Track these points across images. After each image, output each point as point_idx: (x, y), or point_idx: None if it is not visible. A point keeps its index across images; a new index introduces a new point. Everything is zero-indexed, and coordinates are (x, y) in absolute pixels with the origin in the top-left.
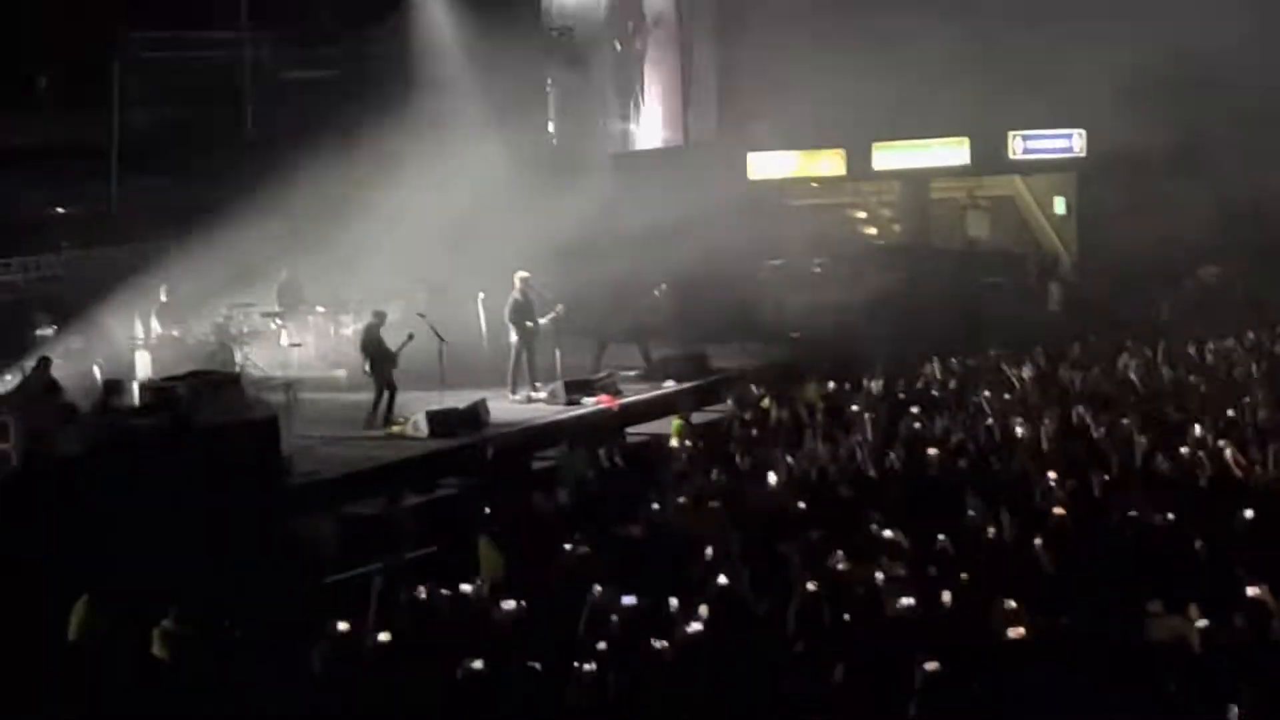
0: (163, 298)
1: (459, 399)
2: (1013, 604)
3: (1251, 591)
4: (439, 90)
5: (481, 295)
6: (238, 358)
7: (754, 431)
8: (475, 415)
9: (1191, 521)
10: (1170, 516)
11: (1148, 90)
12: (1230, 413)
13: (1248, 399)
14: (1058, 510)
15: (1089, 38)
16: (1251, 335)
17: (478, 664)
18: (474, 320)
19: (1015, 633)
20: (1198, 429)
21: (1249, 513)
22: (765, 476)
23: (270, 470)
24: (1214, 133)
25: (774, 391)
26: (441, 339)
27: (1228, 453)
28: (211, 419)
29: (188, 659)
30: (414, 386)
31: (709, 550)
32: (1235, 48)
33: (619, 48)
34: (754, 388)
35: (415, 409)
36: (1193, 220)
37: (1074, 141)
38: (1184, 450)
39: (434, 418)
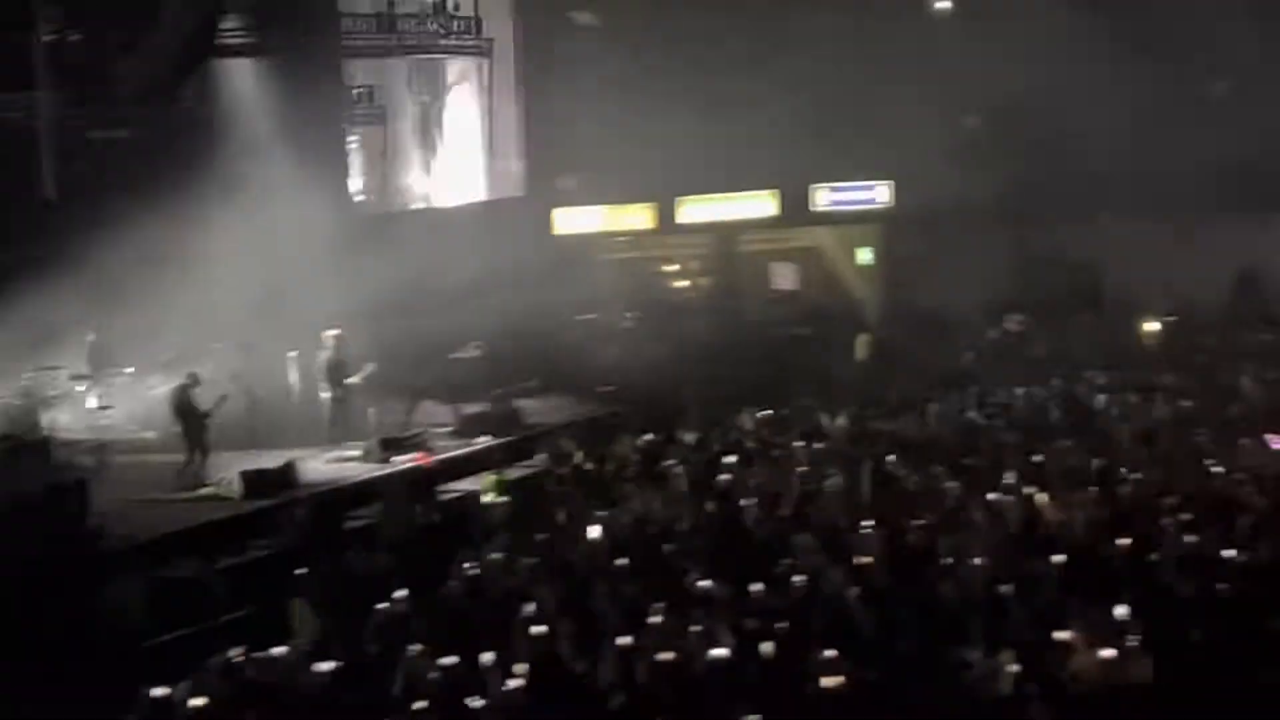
0: None
1: (271, 459)
2: (831, 653)
3: (1060, 635)
4: (244, 150)
5: (293, 354)
6: (44, 422)
7: (568, 486)
8: (287, 475)
9: (1003, 567)
10: (980, 562)
11: (952, 143)
12: (1037, 459)
13: (1055, 445)
14: (867, 559)
15: (896, 92)
16: (1056, 382)
17: None
18: (285, 379)
19: (832, 682)
20: (1008, 476)
21: (1058, 558)
22: (580, 531)
23: (79, 535)
24: (1017, 185)
25: (587, 446)
26: (254, 398)
27: (1037, 498)
28: (16, 484)
29: None
30: (226, 447)
31: (526, 607)
32: (1038, 102)
33: (422, 105)
34: (567, 442)
35: (228, 469)
36: (996, 270)
37: (878, 193)
38: (994, 497)
39: (247, 478)
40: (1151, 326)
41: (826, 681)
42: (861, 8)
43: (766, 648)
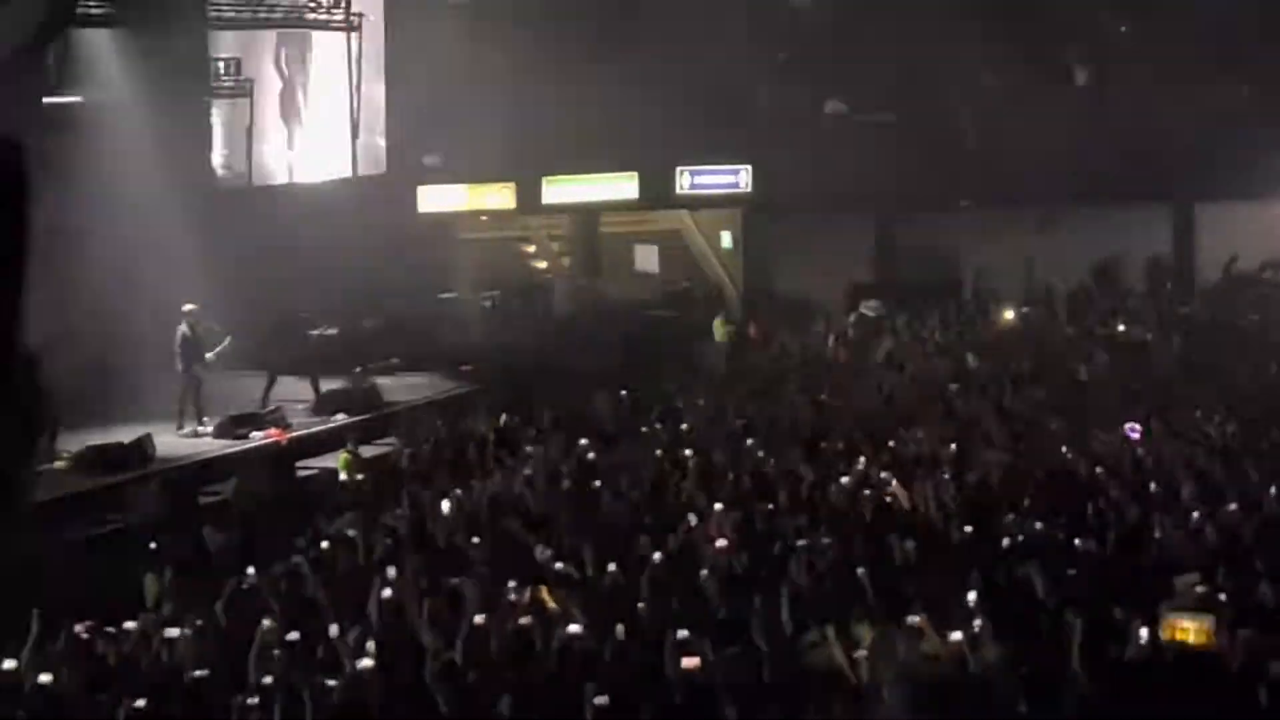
0: None
1: (125, 434)
2: (684, 634)
3: (911, 620)
4: (101, 123)
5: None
6: None
7: (423, 465)
8: (141, 449)
9: (855, 551)
10: (829, 543)
11: (814, 127)
12: (892, 444)
13: (911, 430)
14: (721, 541)
15: (761, 75)
16: (910, 367)
17: (141, 702)
18: (138, 354)
19: (689, 663)
20: (861, 461)
21: (909, 543)
22: (435, 510)
23: None
24: (876, 171)
25: (444, 424)
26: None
27: (891, 484)
28: None
29: None
30: (79, 424)
31: (378, 584)
32: (903, 88)
33: (285, 78)
34: (424, 421)
35: (81, 443)
36: (854, 256)
37: (740, 177)
38: (847, 481)
39: (99, 451)
40: (1009, 315)
41: (685, 662)
42: None
43: (619, 630)
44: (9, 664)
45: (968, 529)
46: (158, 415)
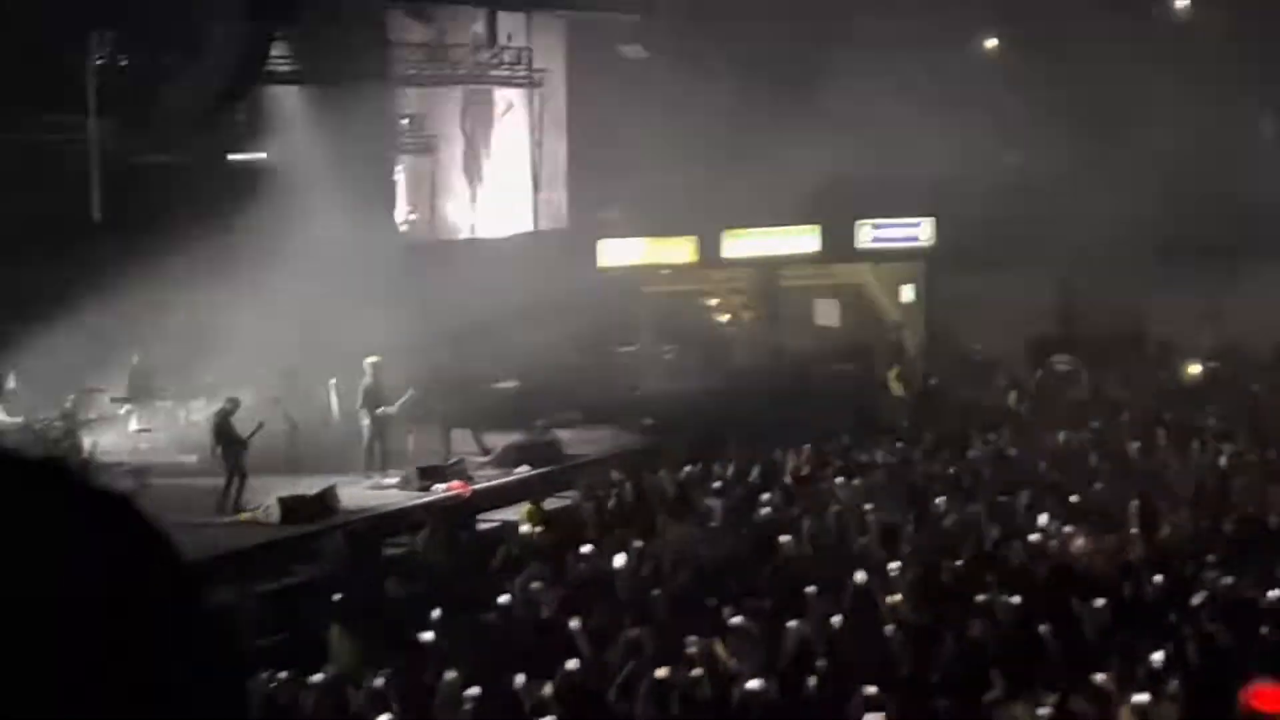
0: (10, 384)
1: (310, 485)
2: (872, 690)
3: (1098, 678)
4: (291, 177)
5: (333, 381)
6: (85, 444)
7: (606, 517)
8: (326, 501)
9: (1039, 608)
10: (1016, 601)
11: (995, 180)
12: (1074, 499)
13: (1094, 486)
14: (893, 599)
15: (942, 126)
16: (1095, 425)
17: None
18: (326, 406)
19: (875, 718)
20: (1043, 517)
21: (1099, 601)
22: (614, 561)
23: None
24: (1056, 225)
25: (627, 477)
26: (294, 424)
27: (1076, 541)
28: None
29: None
30: (265, 472)
31: (563, 635)
32: (1083, 137)
33: (468, 134)
34: (606, 473)
35: (267, 495)
36: (1037, 310)
37: (921, 230)
38: (1032, 538)
39: (286, 503)
40: (1194, 368)
41: (869, 718)
42: (909, 46)
43: (810, 683)
44: None
45: (1155, 583)
46: (342, 467)
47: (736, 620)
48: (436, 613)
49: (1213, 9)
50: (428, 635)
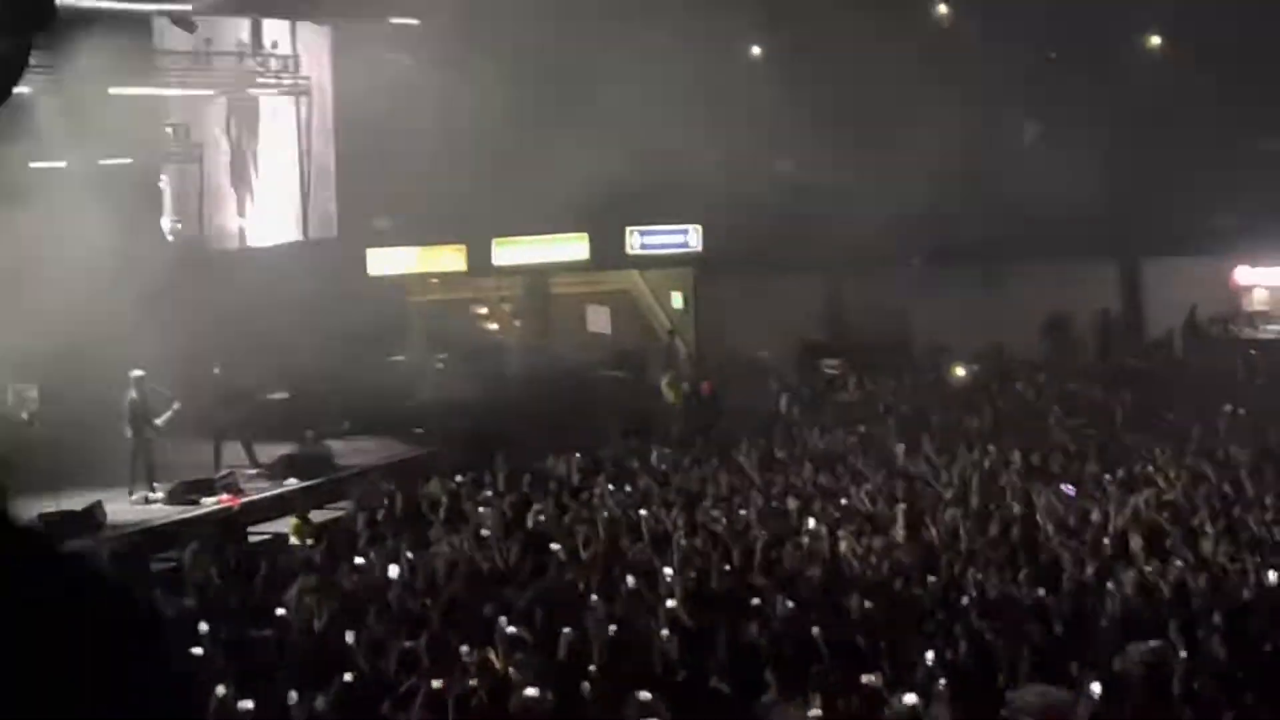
0: None
1: (74, 501)
2: (647, 695)
3: (866, 679)
4: (49, 185)
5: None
6: None
7: (378, 527)
8: (91, 516)
9: (809, 611)
10: (790, 605)
11: (760, 187)
12: (844, 502)
13: (862, 489)
14: (671, 602)
15: (709, 135)
16: (863, 428)
17: None
18: (87, 420)
19: None
20: (812, 521)
21: (865, 602)
22: (388, 572)
23: None
24: (825, 231)
25: (398, 487)
26: (55, 439)
27: (843, 544)
28: None
29: None
30: (26, 490)
31: (338, 648)
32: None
33: (236, 142)
34: (377, 484)
35: (29, 511)
36: (807, 315)
37: (690, 236)
38: (801, 540)
39: (48, 520)
40: (960, 371)
41: None
42: (676, 54)
43: (583, 688)
44: None
45: (925, 584)
46: (109, 482)
47: (511, 629)
48: (204, 627)
49: (971, 14)
50: (197, 650)
